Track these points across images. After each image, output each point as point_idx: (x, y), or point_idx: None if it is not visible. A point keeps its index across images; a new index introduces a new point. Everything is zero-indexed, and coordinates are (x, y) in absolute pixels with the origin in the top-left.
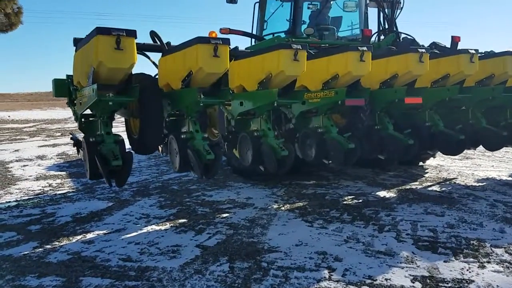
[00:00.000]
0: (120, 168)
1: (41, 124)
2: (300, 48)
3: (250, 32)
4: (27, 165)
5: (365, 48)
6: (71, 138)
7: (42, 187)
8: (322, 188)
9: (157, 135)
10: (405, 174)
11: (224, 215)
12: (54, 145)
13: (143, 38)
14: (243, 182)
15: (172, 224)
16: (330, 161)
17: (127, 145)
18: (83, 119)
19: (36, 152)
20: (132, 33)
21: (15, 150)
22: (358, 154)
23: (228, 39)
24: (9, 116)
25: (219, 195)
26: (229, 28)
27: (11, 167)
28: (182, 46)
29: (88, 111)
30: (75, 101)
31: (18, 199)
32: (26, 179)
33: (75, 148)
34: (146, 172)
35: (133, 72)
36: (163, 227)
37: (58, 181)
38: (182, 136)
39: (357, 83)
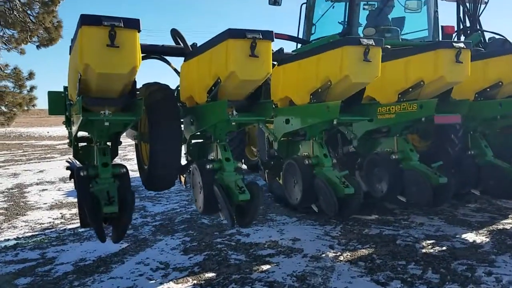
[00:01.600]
0: (116, 215)
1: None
2: (374, 44)
3: (297, 36)
4: (46, 189)
5: (462, 45)
6: (68, 168)
7: (53, 219)
8: (389, 227)
9: (171, 166)
10: (490, 207)
11: (264, 267)
12: None
13: (163, 38)
14: (287, 215)
15: (195, 281)
16: (410, 200)
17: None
18: (77, 144)
19: (61, 174)
20: (132, 23)
21: (40, 171)
22: (452, 191)
23: (271, 32)
24: (47, 132)
25: (258, 234)
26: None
27: (28, 192)
28: (209, 45)
29: (85, 133)
30: (72, 120)
31: (20, 237)
32: (39, 207)
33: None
34: (175, 199)
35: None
36: (183, 286)
37: (73, 210)
38: (208, 166)
39: (447, 93)
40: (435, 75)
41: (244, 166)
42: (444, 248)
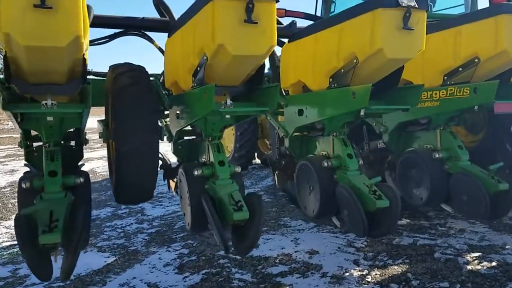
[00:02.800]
0: (57, 246)
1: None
2: (417, 6)
3: (314, 14)
4: None
5: None
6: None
7: None
8: (423, 235)
9: (144, 172)
10: None
11: None
12: (87, 160)
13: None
14: (303, 220)
15: None
16: (459, 211)
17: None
18: (29, 144)
19: None
20: None
21: None
22: None
23: None
24: None
25: (269, 245)
26: (285, 9)
27: None
28: (192, 11)
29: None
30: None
31: None
32: None
33: None
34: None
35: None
36: None
37: None
38: (196, 172)
39: (510, 73)
40: (496, 49)
41: (258, 161)
42: (494, 263)
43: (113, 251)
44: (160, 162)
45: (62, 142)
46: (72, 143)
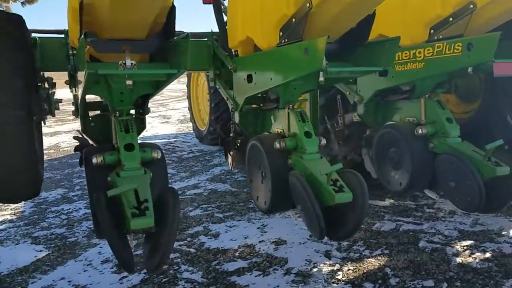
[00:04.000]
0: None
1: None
2: None
3: None
4: None
5: None
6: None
7: None
8: (408, 219)
9: (8, 162)
10: None
11: None
12: (53, 134)
13: None
14: None
15: None
16: (447, 198)
17: None
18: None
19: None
20: None
21: None
22: None
23: None
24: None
25: (232, 234)
26: None
27: None
28: None
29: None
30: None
31: None
32: None
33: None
34: None
35: None
36: None
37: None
38: (277, 145)
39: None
40: None
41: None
42: (488, 255)
43: (48, 243)
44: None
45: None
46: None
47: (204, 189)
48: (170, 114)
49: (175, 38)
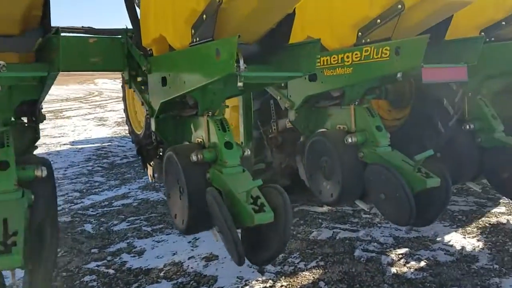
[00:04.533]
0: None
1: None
2: None
3: None
4: None
5: None
6: None
7: None
8: (344, 226)
9: None
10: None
11: None
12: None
13: None
14: None
15: None
16: (379, 210)
17: None
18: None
19: None
20: None
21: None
22: (448, 198)
23: None
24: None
25: (159, 250)
26: None
27: None
28: None
29: None
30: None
31: None
32: None
33: None
34: (69, 187)
35: None
36: None
37: None
38: (194, 157)
39: (443, 28)
40: None
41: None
42: (422, 264)
43: None
44: None
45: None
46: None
47: (134, 199)
48: (107, 116)
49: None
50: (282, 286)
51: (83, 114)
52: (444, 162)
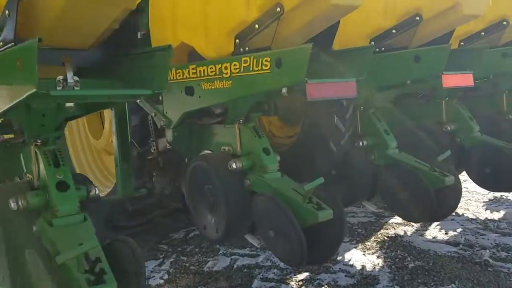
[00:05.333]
0: None
1: None
2: None
3: None
4: None
5: None
6: None
7: None
8: (243, 251)
9: None
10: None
11: None
12: None
13: None
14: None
15: None
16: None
17: None
18: None
19: None
20: None
21: None
22: (344, 231)
23: None
24: None
25: None
26: None
27: None
28: None
29: None
30: None
31: None
32: None
33: None
34: None
35: None
36: None
37: None
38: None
39: (332, 29)
40: None
41: None
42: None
43: None
44: None
45: None
46: None
47: None
48: None
49: None
50: None
51: None
52: (338, 182)
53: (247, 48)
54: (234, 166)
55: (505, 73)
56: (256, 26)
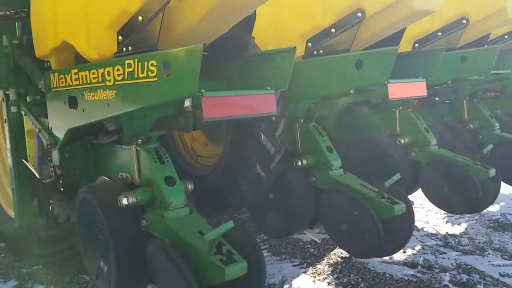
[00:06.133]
0: None
1: None
2: None
3: None
4: None
5: None
6: None
7: None
8: None
9: None
10: None
11: None
12: None
13: None
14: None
15: None
16: None
17: None
18: None
19: None
20: None
21: None
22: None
23: None
24: None
25: None
26: None
27: None
28: None
29: None
30: None
31: None
32: None
33: None
34: None
35: None
36: None
37: None
38: (125, 201)
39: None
40: None
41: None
42: None
43: None
44: None
45: None
46: None
47: None
48: None
49: None
50: None
51: None
52: (276, 208)
53: (130, 48)
54: (124, 202)
55: (465, 79)
56: (140, 18)
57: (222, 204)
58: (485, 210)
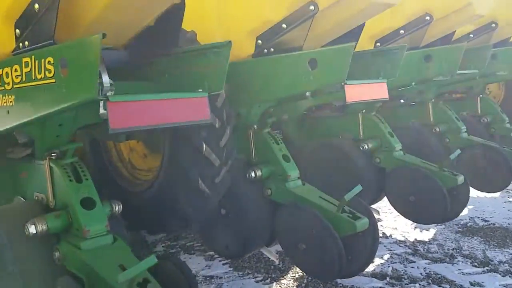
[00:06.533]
0: None
1: None
2: None
3: None
4: None
5: None
6: None
7: None
8: None
9: None
10: None
11: None
12: None
13: None
14: None
15: None
16: None
17: None
18: None
19: None
20: None
21: None
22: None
23: None
24: None
25: None
26: None
27: None
28: None
29: None
30: None
31: None
32: None
33: None
34: None
35: None
36: None
37: None
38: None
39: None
40: None
41: None
42: None
43: None
44: None
45: None
46: None
47: None
48: None
49: None
50: None
51: None
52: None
53: (29, 44)
54: (32, 230)
55: (430, 79)
56: (36, 5)
57: (161, 225)
58: None
